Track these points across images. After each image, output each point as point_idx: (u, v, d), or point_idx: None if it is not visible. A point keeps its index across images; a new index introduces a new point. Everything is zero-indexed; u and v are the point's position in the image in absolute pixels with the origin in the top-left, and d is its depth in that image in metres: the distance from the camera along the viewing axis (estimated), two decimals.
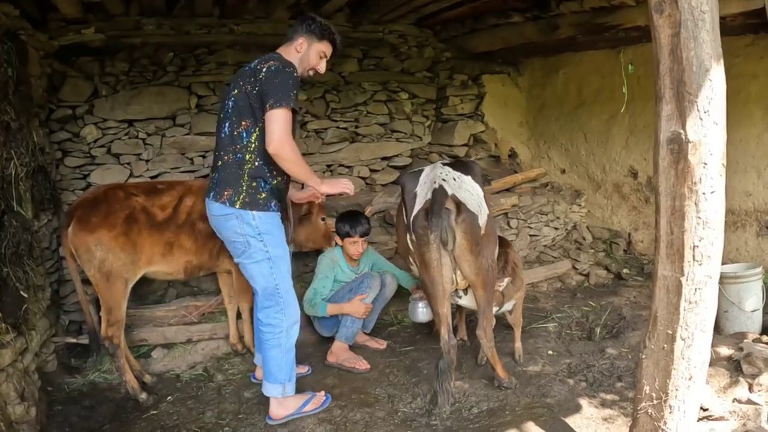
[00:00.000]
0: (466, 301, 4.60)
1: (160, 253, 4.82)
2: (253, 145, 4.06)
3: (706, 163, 2.84)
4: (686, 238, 2.90)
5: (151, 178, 6.11)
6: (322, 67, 4.32)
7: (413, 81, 7.58)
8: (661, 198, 3.01)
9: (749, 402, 3.93)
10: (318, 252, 5.67)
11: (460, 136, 7.67)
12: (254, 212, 4.07)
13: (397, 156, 7.50)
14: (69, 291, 5.51)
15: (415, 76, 7.61)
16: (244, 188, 4.06)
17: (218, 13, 6.42)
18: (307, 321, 5.41)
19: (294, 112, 3.97)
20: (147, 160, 6.20)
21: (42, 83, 5.48)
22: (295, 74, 4.02)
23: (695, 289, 2.94)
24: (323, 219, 5.52)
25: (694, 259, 2.91)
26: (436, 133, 7.83)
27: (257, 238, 4.10)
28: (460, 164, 4.63)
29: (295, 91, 3.94)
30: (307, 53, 4.21)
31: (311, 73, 4.32)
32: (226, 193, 4.09)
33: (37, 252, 4.76)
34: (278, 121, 3.87)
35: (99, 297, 4.74)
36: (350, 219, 5.41)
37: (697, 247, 2.90)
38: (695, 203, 2.87)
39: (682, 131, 2.86)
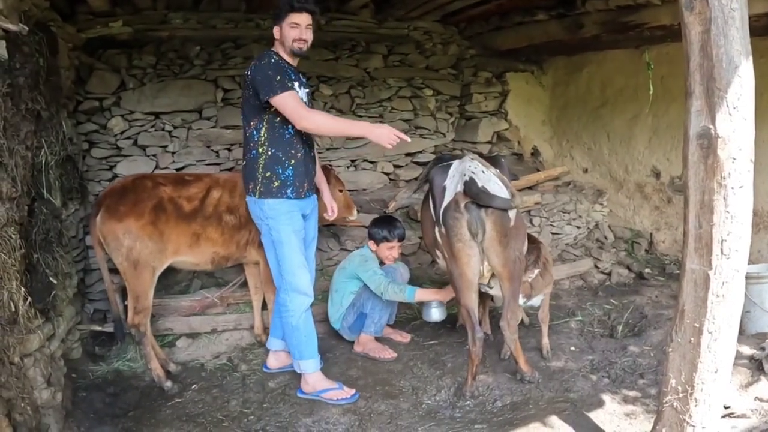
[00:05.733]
0: (497, 290, 4.60)
1: (186, 243, 4.90)
2: (263, 139, 4.34)
3: (735, 158, 2.85)
4: (715, 232, 2.91)
5: (177, 170, 6.15)
6: (303, 35, 4.31)
7: (438, 78, 7.58)
8: (690, 192, 3.01)
9: None
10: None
11: (484, 133, 7.67)
12: (266, 200, 4.38)
13: (420, 152, 7.49)
14: (94, 280, 5.57)
15: (440, 73, 7.61)
16: (260, 180, 4.38)
17: (244, 7, 6.44)
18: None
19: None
20: (173, 153, 6.26)
21: (70, 75, 5.51)
22: (272, 60, 4.25)
23: (723, 282, 2.95)
24: (340, 190, 5.51)
25: (722, 253, 2.92)
26: (459, 130, 7.84)
27: (264, 222, 4.46)
28: (487, 159, 4.65)
29: (278, 77, 4.14)
30: (282, 35, 4.31)
31: (298, 45, 4.32)
32: (250, 186, 4.46)
33: (66, 240, 4.81)
34: (282, 107, 4.17)
35: (126, 285, 4.82)
36: (386, 224, 5.41)
37: (726, 241, 2.91)
38: (724, 198, 2.88)
39: (711, 126, 2.87)
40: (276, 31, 4.35)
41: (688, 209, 3.04)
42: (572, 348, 5.13)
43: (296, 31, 4.27)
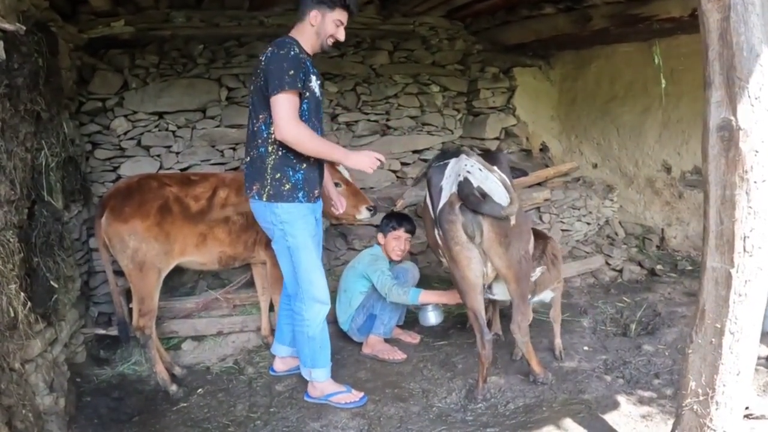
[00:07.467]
0: (499, 295, 4.52)
1: (193, 244, 4.84)
2: (272, 137, 4.03)
3: (757, 151, 2.76)
4: (737, 229, 2.82)
5: (182, 170, 6.10)
6: (341, 35, 4.18)
7: (444, 74, 7.51)
8: (710, 187, 2.91)
9: None
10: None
11: (492, 129, 7.59)
12: (279, 203, 4.12)
13: (428, 149, 7.45)
14: (99, 282, 5.51)
15: (446, 69, 7.54)
16: (269, 181, 4.11)
17: (248, 5, 6.36)
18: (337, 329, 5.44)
19: (300, 92, 3.96)
20: (177, 153, 6.20)
21: (72, 76, 5.48)
22: (292, 53, 3.93)
23: (745, 281, 2.86)
24: (336, 184, 5.19)
25: (744, 250, 2.82)
26: (467, 126, 7.77)
27: (278, 227, 4.20)
28: (486, 156, 4.55)
29: (291, 71, 3.87)
30: (322, 25, 4.09)
31: (330, 41, 4.18)
32: (254, 187, 4.18)
33: (68, 243, 4.74)
34: (277, 107, 3.88)
35: (131, 287, 4.75)
36: (397, 216, 5.44)
37: (748, 237, 2.81)
38: (746, 192, 2.78)
39: (732, 118, 2.77)
40: (315, 16, 4.06)
41: (709, 205, 2.94)
42: (585, 348, 5.05)
43: (339, 29, 4.14)
